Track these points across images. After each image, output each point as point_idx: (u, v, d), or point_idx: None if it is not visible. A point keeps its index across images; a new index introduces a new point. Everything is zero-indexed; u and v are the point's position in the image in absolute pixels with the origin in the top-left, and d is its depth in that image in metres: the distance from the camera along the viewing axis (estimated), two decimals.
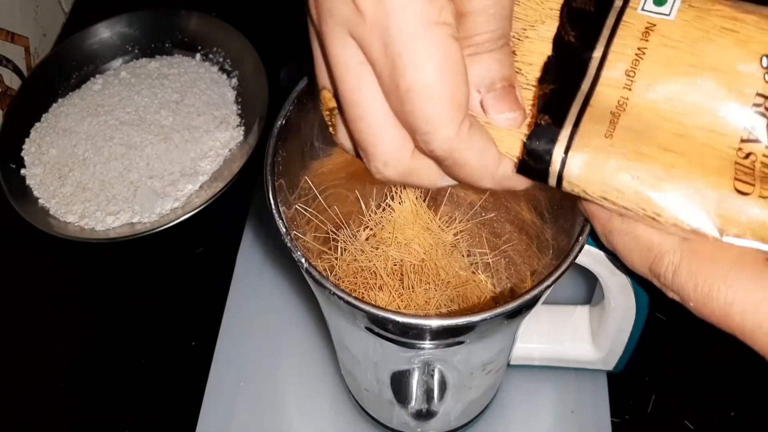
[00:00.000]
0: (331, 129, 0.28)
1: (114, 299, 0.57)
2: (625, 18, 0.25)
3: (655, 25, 0.25)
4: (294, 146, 0.35)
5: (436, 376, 0.38)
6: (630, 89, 0.25)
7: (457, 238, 0.45)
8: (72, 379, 0.53)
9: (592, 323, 0.47)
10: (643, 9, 0.25)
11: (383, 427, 0.48)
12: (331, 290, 0.29)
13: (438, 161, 0.24)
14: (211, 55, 0.69)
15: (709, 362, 0.51)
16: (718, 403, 0.49)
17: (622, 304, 0.40)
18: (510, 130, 0.25)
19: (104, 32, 0.69)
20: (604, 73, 0.25)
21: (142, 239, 0.56)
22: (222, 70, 0.68)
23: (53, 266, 0.59)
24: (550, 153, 0.25)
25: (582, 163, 0.25)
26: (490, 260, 0.45)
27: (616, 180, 0.25)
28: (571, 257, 0.31)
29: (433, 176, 0.25)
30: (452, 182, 0.26)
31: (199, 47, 0.69)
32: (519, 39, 0.27)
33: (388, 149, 0.24)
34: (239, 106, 0.65)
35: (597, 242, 0.30)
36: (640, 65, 0.25)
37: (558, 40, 0.26)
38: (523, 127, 0.26)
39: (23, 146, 0.63)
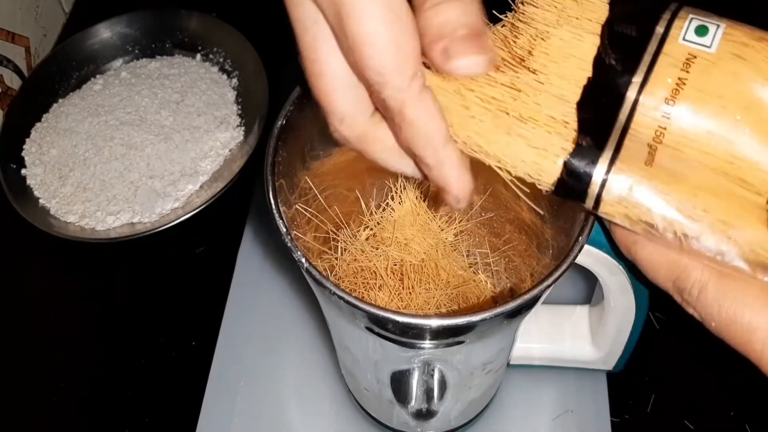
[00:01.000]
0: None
1: (114, 299, 0.57)
2: (666, 46, 0.25)
3: (695, 57, 0.25)
4: (294, 146, 0.35)
5: (437, 376, 0.38)
6: (669, 119, 0.25)
7: (456, 238, 0.45)
8: (72, 379, 0.53)
9: (592, 323, 0.47)
10: (684, 39, 0.25)
11: (383, 426, 0.48)
12: (331, 290, 0.29)
13: (390, 117, 0.24)
14: (211, 56, 0.69)
15: (709, 362, 0.51)
16: (718, 403, 0.49)
17: (621, 303, 0.40)
18: (546, 149, 0.26)
19: (105, 32, 0.69)
20: (643, 99, 0.25)
21: (142, 239, 0.56)
22: (222, 70, 0.68)
23: (53, 266, 0.59)
24: (590, 174, 0.25)
25: (621, 187, 0.25)
26: (490, 260, 0.45)
27: (654, 206, 0.25)
28: (571, 257, 0.31)
29: (388, 149, 0.26)
30: (407, 169, 0.26)
31: (200, 47, 0.69)
32: (543, 38, 0.26)
33: (346, 106, 0.25)
34: (239, 106, 0.65)
35: (615, 250, 0.30)
36: (679, 96, 0.25)
37: (598, 61, 0.26)
38: (560, 148, 0.26)
39: (24, 146, 0.63)
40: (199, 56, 0.69)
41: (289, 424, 0.49)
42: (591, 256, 0.35)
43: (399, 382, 0.39)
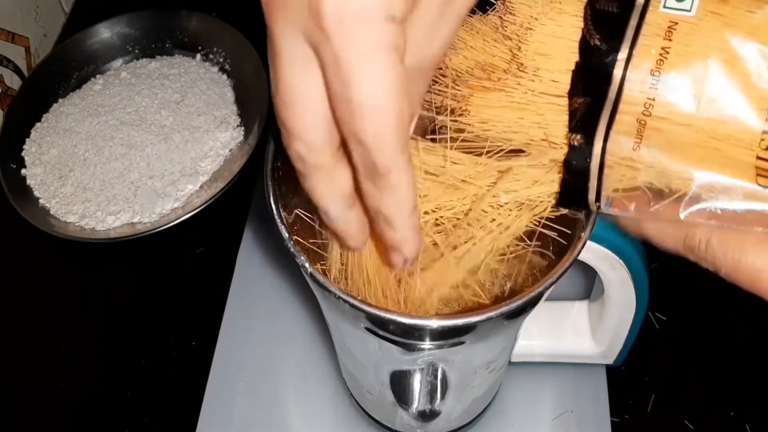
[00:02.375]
0: None
1: (114, 299, 0.57)
2: (648, 17, 0.25)
3: (677, 23, 0.25)
4: None
5: (439, 377, 0.38)
6: (656, 89, 0.25)
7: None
8: (72, 379, 0.53)
9: (592, 318, 0.47)
10: (664, 6, 0.25)
11: (385, 428, 0.48)
12: (336, 294, 0.29)
13: (368, 177, 0.24)
14: (211, 55, 0.69)
15: (709, 362, 0.51)
16: (718, 403, 0.49)
17: (622, 297, 0.40)
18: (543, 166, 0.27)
19: (105, 32, 0.69)
20: (629, 75, 0.25)
21: (142, 239, 0.56)
22: (222, 70, 0.68)
23: (53, 266, 0.59)
24: (586, 175, 0.26)
25: (618, 180, 0.26)
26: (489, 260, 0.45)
27: (650, 175, 0.25)
28: (574, 254, 0.31)
29: (338, 191, 0.26)
30: (341, 218, 0.27)
31: (200, 47, 0.69)
32: (530, 27, 0.27)
33: (315, 138, 0.24)
34: (239, 106, 0.65)
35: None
36: (664, 65, 0.25)
37: (584, 45, 0.26)
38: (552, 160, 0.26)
39: (24, 146, 0.63)
40: (199, 56, 0.69)
41: (289, 425, 0.49)
42: (592, 252, 0.35)
43: (401, 384, 0.39)
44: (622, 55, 0.25)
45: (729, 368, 0.51)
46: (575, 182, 0.26)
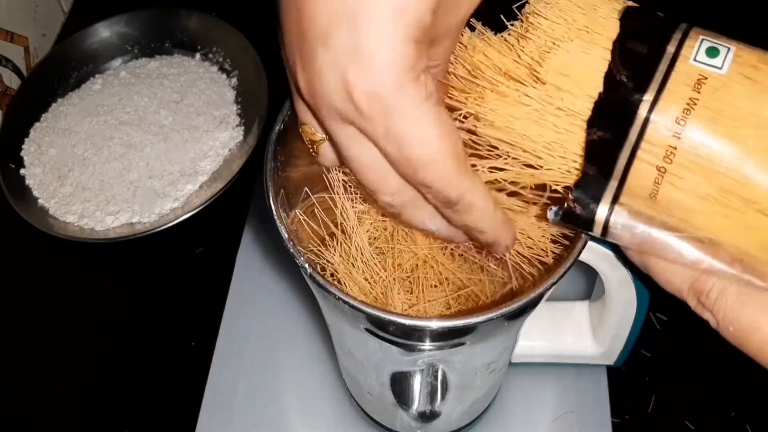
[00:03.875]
0: (313, 153, 0.30)
1: (114, 299, 0.57)
2: (677, 65, 0.25)
3: (706, 78, 0.25)
4: (293, 149, 0.35)
5: (439, 377, 0.38)
6: (679, 138, 0.25)
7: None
8: (72, 379, 0.53)
9: (593, 318, 0.47)
10: (695, 59, 0.25)
11: (385, 429, 0.48)
12: (336, 295, 0.29)
13: (449, 208, 0.27)
14: (210, 55, 0.69)
15: (709, 362, 0.51)
16: (718, 403, 0.49)
17: (622, 297, 0.40)
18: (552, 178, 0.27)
19: (104, 32, 0.69)
20: (654, 117, 0.25)
21: (141, 239, 0.56)
22: (222, 69, 0.68)
23: (53, 266, 0.59)
24: (596, 204, 0.25)
25: (627, 219, 0.25)
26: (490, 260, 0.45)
27: (663, 237, 0.25)
28: (575, 255, 0.31)
29: (430, 213, 0.28)
30: (442, 228, 0.29)
31: (199, 47, 0.69)
32: (552, 50, 0.27)
33: (395, 186, 0.26)
34: (239, 106, 0.65)
35: (622, 259, 0.30)
36: (691, 115, 0.25)
37: (609, 77, 0.26)
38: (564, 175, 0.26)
39: (23, 146, 0.63)
40: (198, 56, 0.69)
41: (289, 425, 0.49)
42: (592, 252, 0.35)
43: (401, 384, 0.39)
44: (649, 96, 0.25)
45: (729, 369, 0.51)
46: (583, 210, 0.26)
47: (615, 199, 0.25)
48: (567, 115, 0.26)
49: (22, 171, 0.62)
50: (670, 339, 0.51)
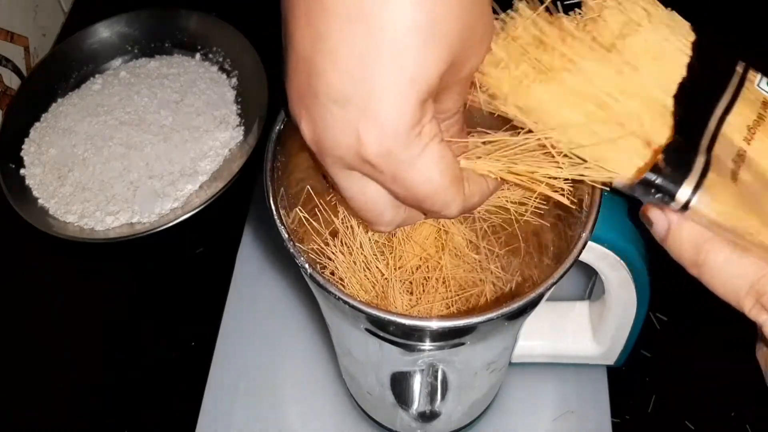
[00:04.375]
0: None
1: (113, 299, 0.57)
2: (746, 87, 0.27)
3: None
4: (293, 149, 0.35)
5: (440, 377, 0.38)
6: (749, 144, 0.26)
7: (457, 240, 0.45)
8: (72, 379, 0.53)
9: (593, 318, 0.47)
10: (758, 85, 0.27)
11: (385, 429, 0.48)
12: (336, 295, 0.29)
13: (438, 214, 0.29)
14: (210, 55, 0.69)
15: (709, 363, 0.51)
16: (718, 403, 0.49)
17: (623, 298, 0.40)
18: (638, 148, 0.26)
19: (104, 32, 0.69)
20: (729, 118, 0.26)
21: (141, 239, 0.56)
22: (222, 69, 0.68)
23: (53, 266, 0.59)
24: (685, 174, 0.25)
25: (715, 192, 0.25)
26: (490, 261, 0.45)
27: (744, 214, 0.25)
28: (574, 255, 0.31)
29: (420, 216, 0.31)
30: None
31: (199, 47, 0.69)
32: (630, 34, 0.27)
33: (390, 218, 0.29)
34: (239, 106, 0.65)
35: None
36: (759, 127, 0.26)
37: (690, 67, 0.27)
38: (649, 143, 0.26)
39: (23, 146, 0.63)
40: (198, 56, 0.69)
41: (289, 425, 0.49)
42: (593, 252, 0.35)
43: (401, 384, 0.39)
44: (723, 102, 0.26)
45: (730, 369, 0.51)
46: (669, 180, 0.25)
47: (703, 173, 0.25)
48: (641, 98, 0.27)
49: (22, 171, 0.62)
50: (670, 339, 0.51)
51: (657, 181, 0.25)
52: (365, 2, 0.23)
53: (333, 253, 0.36)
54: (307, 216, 0.36)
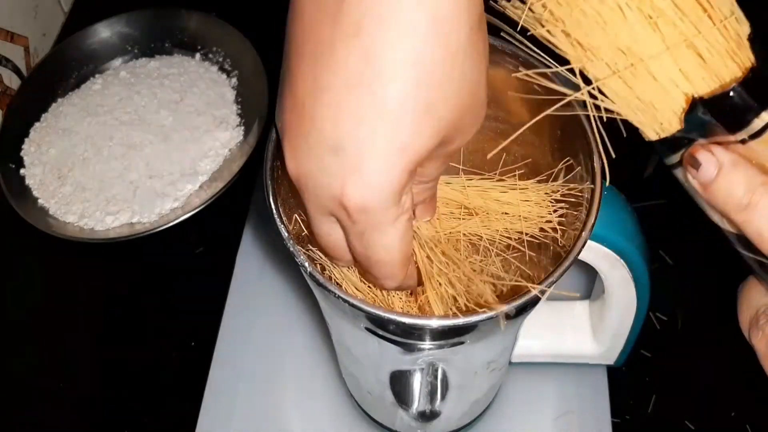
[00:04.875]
0: None
1: (113, 299, 0.57)
2: None
3: None
4: None
5: (439, 377, 0.38)
6: None
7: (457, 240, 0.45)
8: (71, 379, 0.53)
9: (593, 318, 0.47)
10: None
11: (385, 429, 0.48)
12: (335, 294, 0.29)
13: (377, 279, 0.31)
14: (210, 55, 0.69)
15: (709, 362, 0.51)
16: (718, 403, 0.49)
17: (623, 297, 0.40)
18: (725, 63, 0.25)
19: (104, 32, 0.69)
20: None
21: (141, 239, 0.56)
22: (222, 69, 0.68)
23: (53, 266, 0.59)
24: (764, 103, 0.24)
25: None
26: (489, 261, 0.45)
27: None
28: (574, 254, 0.31)
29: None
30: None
31: (199, 47, 0.69)
32: None
33: (348, 258, 0.31)
34: (239, 106, 0.65)
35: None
36: None
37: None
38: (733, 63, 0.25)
39: (23, 146, 0.63)
40: (198, 56, 0.69)
41: (289, 425, 0.49)
42: (592, 252, 0.35)
43: (401, 384, 0.39)
44: None
45: (730, 368, 0.51)
46: (739, 106, 0.24)
47: None
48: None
49: (22, 171, 0.62)
50: (670, 339, 0.51)
51: (741, 97, 0.24)
52: (370, 74, 0.24)
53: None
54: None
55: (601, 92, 0.28)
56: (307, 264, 0.30)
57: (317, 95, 0.25)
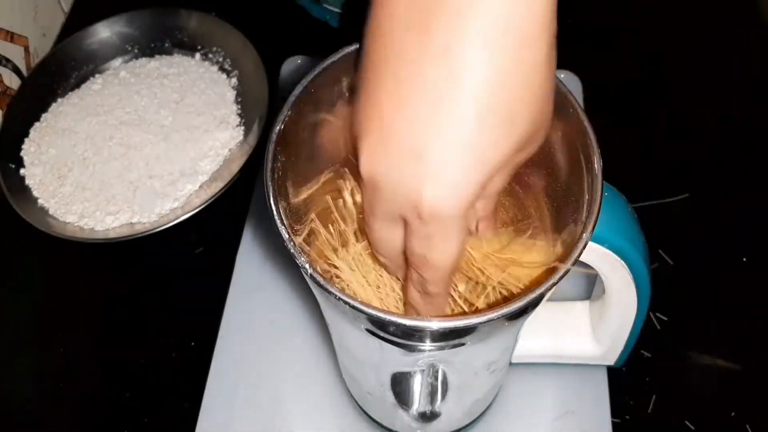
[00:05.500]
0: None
1: (113, 299, 0.57)
2: None
3: None
4: (294, 150, 0.35)
5: (440, 378, 0.38)
6: None
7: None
8: (71, 379, 0.53)
9: (593, 318, 0.47)
10: None
11: (385, 429, 0.48)
12: (336, 295, 0.29)
13: (421, 289, 0.32)
14: (210, 55, 0.69)
15: (709, 363, 0.51)
16: (718, 403, 0.49)
17: (623, 298, 0.40)
18: None
19: (104, 32, 0.69)
20: None
21: (141, 239, 0.56)
22: (222, 69, 0.68)
23: (53, 266, 0.59)
24: None
25: None
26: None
27: None
28: (575, 255, 0.31)
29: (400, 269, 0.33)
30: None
31: (199, 47, 0.69)
32: None
33: (396, 260, 0.32)
34: (239, 106, 0.65)
35: None
36: None
37: None
38: None
39: (22, 146, 0.63)
40: (198, 55, 0.69)
41: (289, 425, 0.49)
42: (593, 253, 0.35)
43: (401, 385, 0.39)
44: None
45: (730, 369, 0.51)
46: None
47: None
48: None
49: (22, 171, 0.62)
50: (670, 339, 0.51)
51: None
52: (455, 90, 0.25)
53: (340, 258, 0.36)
54: (309, 211, 0.36)
55: None
56: (307, 265, 0.30)
57: (401, 108, 0.26)
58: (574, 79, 0.63)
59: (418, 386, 0.39)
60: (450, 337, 0.31)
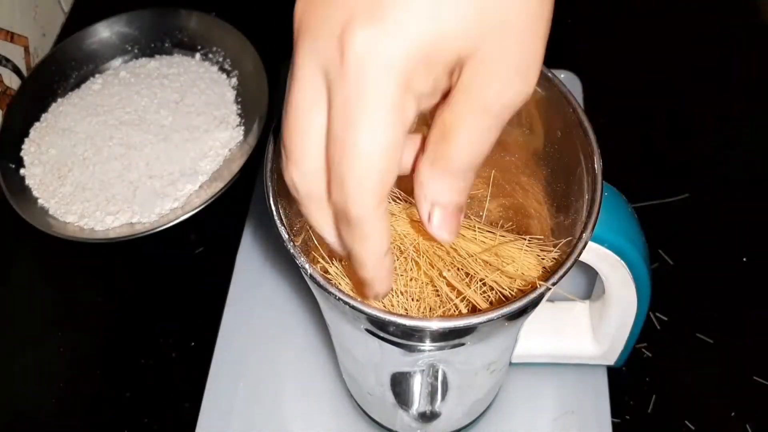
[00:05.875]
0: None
1: (113, 299, 0.57)
2: None
3: None
4: None
5: (440, 378, 0.38)
6: None
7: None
8: (72, 379, 0.53)
9: (593, 318, 0.47)
10: None
11: (385, 429, 0.48)
12: (336, 296, 0.29)
13: (342, 219, 0.25)
14: (210, 55, 0.69)
15: (709, 363, 0.51)
16: (718, 403, 0.49)
17: (623, 298, 0.40)
18: None
19: (104, 32, 0.69)
20: None
21: (141, 239, 0.56)
22: (222, 69, 0.68)
23: (53, 266, 0.59)
24: None
25: None
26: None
27: None
28: (575, 255, 0.31)
29: (328, 216, 0.26)
30: (336, 247, 0.27)
31: (199, 47, 0.69)
32: None
33: (311, 165, 0.25)
34: (239, 106, 0.65)
35: None
36: None
37: None
38: None
39: (23, 146, 0.63)
40: (198, 56, 0.69)
41: (289, 425, 0.49)
42: (593, 253, 0.35)
43: (401, 385, 0.39)
44: None
45: (730, 369, 0.51)
46: None
47: None
48: None
49: (22, 171, 0.62)
50: (670, 339, 0.51)
51: None
52: None
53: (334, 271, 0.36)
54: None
55: None
56: (307, 266, 0.30)
57: None
58: (574, 79, 0.63)
59: (418, 386, 0.39)
60: (450, 337, 0.31)
